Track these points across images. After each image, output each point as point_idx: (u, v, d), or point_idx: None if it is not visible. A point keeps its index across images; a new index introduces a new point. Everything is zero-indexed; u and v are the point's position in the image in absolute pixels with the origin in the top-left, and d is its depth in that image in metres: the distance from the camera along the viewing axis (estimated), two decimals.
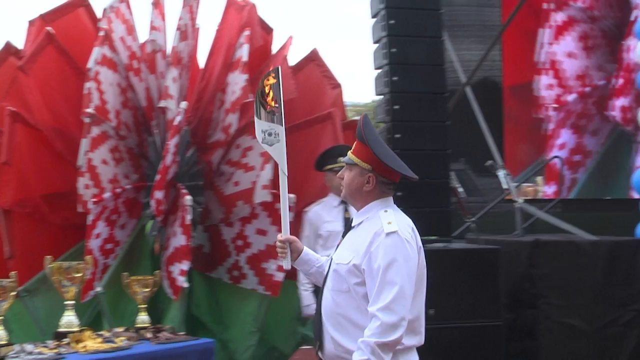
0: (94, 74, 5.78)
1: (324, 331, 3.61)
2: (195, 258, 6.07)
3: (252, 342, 6.04)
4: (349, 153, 3.65)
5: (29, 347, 4.64)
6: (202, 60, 6.80)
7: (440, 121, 6.92)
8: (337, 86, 6.59)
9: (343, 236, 3.77)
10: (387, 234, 3.43)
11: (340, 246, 3.71)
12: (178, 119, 5.72)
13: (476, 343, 6.34)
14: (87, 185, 5.70)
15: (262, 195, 5.79)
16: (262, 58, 6.45)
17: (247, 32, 6.00)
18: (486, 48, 8.58)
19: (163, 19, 6.44)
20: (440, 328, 6.69)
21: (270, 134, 4.01)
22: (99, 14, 6.43)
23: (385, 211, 3.55)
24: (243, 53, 5.91)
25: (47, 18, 6.34)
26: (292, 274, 5.89)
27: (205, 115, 6.36)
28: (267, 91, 3.99)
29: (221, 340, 6.05)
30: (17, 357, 4.47)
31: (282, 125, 3.93)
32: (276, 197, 5.77)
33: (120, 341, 4.95)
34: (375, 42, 7.06)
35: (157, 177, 5.70)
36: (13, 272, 4.85)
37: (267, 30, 6.72)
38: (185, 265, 5.58)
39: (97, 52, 5.84)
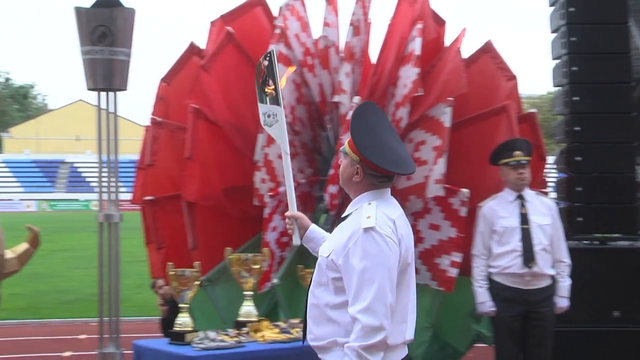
0: None
1: (306, 320, 3.56)
2: None
3: (425, 338, 6.01)
4: (346, 142, 3.56)
5: (211, 334, 4.82)
6: (374, 54, 6.84)
7: (625, 112, 6.69)
8: (513, 78, 6.43)
9: (334, 227, 3.66)
10: (364, 230, 3.30)
11: (328, 238, 3.65)
12: (351, 113, 5.77)
13: None
14: (264, 180, 5.87)
15: (435, 190, 5.75)
16: (435, 51, 6.40)
17: (419, 25, 5.99)
18: None
19: (336, 15, 6.54)
20: (623, 332, 6.47)
21: (269, 116, 4.09)
22: (275, 12, 6.62)
23: (369, 204, 3.42)
24: (415, 46, 5.89)
25: (227, 18, 6.61)
26: (466, 271, 5.88)
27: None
28: (264, 76, 4.06)
29: None
30: (201, 343, 4.69)
31: (281, 106, 4.00)
32: (449, 192, 5.77)
33: (296, 332, 5.02)
34: (553, 32, 6.89)
35: (331, 171, 5.78)
36: (196, 262, 5.08)
37: (440, 22, 6.67)
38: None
39: (272, 50, 5.98)
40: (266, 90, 4.08)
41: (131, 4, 5.84)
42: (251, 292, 5.21)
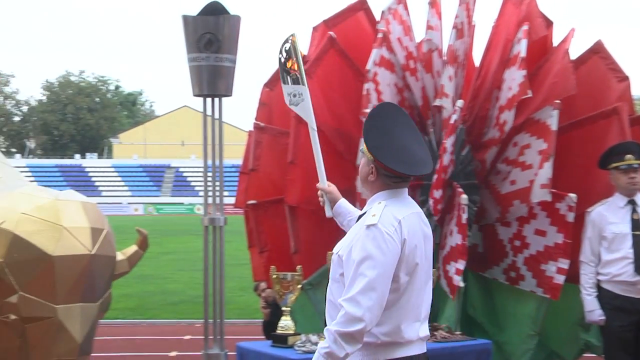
0: (372, 75, 5.98)
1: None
2: (470, 257, 6.03)
3: (530, 346, 5.94)
4: (363, 142, 3.65)
5: (313, 337, 4.89)
6: (478, 57, 6.79)
7: None
8: (625, 79, 6.27)
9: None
10: (367, 227, 3.40)
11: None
12: (454, 117, 5.76)
13: None
14: None
15: (540, 195, 5.67)
16: (542, 52, 6.31)
17: (525, 27, 5.93)
18: None
19: (439, 18, 6.52)
20: None
21: (295, 95, 4.26)
22: (377, 16, 6.64)
23: (379, 203, 3.51)
24: (521, 48, 5.83)
25: (329, 23, 6.68)
26: (573, 278, 5.76)
27: (481, 113, 6.36)
28: (287, 57, 4.25)
29: (497, 342, 6.01)
30: (303, 346, 4.75)
31: (305, 85, 4.17)
32: (556, 197, 5.67)
33: None
34: None
35: (435, 176, 5.76)
36: (298, 266, 5.15)
37: (548, 23, 6.56)
38: (461, 265, 5.61)
39: (375, 54, 6.03)
40: (290, 71, 4.27)
41: (236, 11, 5.95)
42: None
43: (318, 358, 3.43)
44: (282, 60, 4.31)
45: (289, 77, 4.29)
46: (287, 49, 4.24)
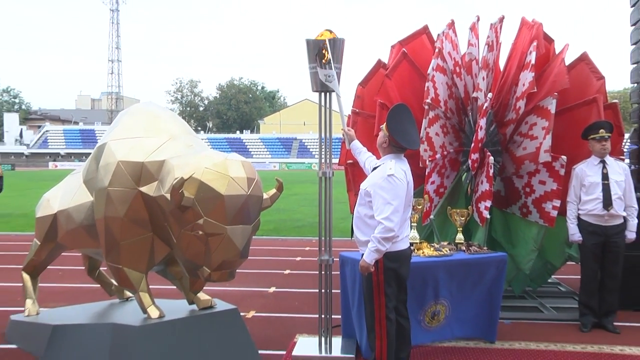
0: (431, 77, 5.99)
1: (352, 227, 4.19)
2: (495, 199, 6.07)
3: (532, 257, 5.94)
4: (384, 125, 4.05)
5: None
6: (502, 64, 6.73)
7: None
8: (601, 78, 6.11)
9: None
10: (388, 175, 3.89)
11: (367, 177, 4.15)
12: (486, 105, 5.74)
13: None
14: (426, 150, 5.93)
15: (544, 157, 5.62)
16: (545, 61, 6.19)
17: (535, 43, 5.82)
18: None
19: (477, 37, 6.45)
20: None
21: (329, 76, 4.50)
22: (435, 37, 6.66)
23: (391, 160, 4.00)
24: (532, 58, 5.74)
25: (403, 42, 6.73)
26: (562, 212, 5.75)
27: (504, 102, 6.28)
28: (324, 51, 4.47)
29: (511, 255, 6.00)
30: None
31: (333, 70, 4.41)
32: (553, 158, 5.63)
33: (445, 250, 5.14)
34: (633, 44, 6.48)
35: (472, 145, 5.80)
36: None
37: (549, 40, 6.43)
38: (488, 203, 5.59)
39: (433, 63, 6.04)
40: (324, 61, 4.53)
41: (341, 34, 5.99)
42: (415, 224, 5.30)
43: (370, 253, 3.88)
44: (322, 54, 4.55)
45: (326, 65, 4.54)
46: (324, 48, 4.53)
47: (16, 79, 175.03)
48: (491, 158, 5.66)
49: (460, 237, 5.45)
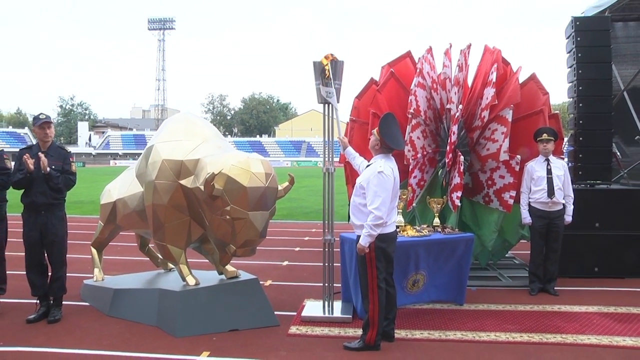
0: (413, 92, 5.93)
1: (349, 213, 4.10)
2: (464, 190, 6.04)
3: (494, 236, 5.91)
4: (375, 130, 3.93)
5: None
6: (470, 82, 6.66)
7: (607, 113, 6.32)
8: (546, 93, 6.06)
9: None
10: (378, 172, 3.79)
11: (362, 173, 4.03)
12: (457, 114, 5.68)
13: (623, 247, 6.12)
14: (409, 150, 5.89)
15: (503, 156, 5.58)
16: (503, 79, 6.12)
17: (495, 65, 5.79)
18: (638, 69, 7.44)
19: (450, 60, 6.40)
20: (601, 235, 6.21)
21: (329, 92, 4.39)
22: (416, 59, 6.58)
23: (381, 159, 3.90)
24: (493, 77, 5.69)
25: (391, 64, 6.64)
26: (517, 200, 5.70)
27: (472, 112, 6.21)
28: (326, 71, 4.36)
29: (477, 235, 5.98)
30: None
31: (333, 87, 4.29)
32: (510, 157, 5.58)
33: (425, 232, 5.10)
34: (568, 67, 6.47)
35: (447, 147, 5.74)
36: None
37: (506, 63, 6.34)
38: (459, 194, 5.54)
39: (415, 80, 5.99)
40: (325, 79, 4.43)
41: (342, 57, 5.84)
42: (401, 210, 5.25)
43: (365, 237, 3.80)
44: (324, 73, 4.47)
45: (326, 82, 4.44)
46: (326, 67, 4.42)
47: (87, 95, 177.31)
48: (462, 157, 5.62)
49: (437, 221, 5.41)
